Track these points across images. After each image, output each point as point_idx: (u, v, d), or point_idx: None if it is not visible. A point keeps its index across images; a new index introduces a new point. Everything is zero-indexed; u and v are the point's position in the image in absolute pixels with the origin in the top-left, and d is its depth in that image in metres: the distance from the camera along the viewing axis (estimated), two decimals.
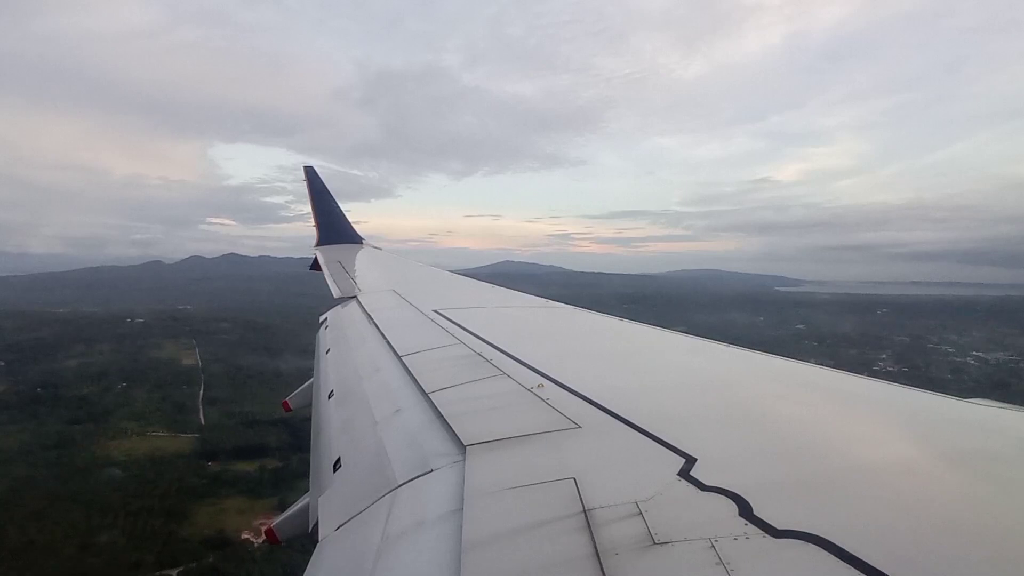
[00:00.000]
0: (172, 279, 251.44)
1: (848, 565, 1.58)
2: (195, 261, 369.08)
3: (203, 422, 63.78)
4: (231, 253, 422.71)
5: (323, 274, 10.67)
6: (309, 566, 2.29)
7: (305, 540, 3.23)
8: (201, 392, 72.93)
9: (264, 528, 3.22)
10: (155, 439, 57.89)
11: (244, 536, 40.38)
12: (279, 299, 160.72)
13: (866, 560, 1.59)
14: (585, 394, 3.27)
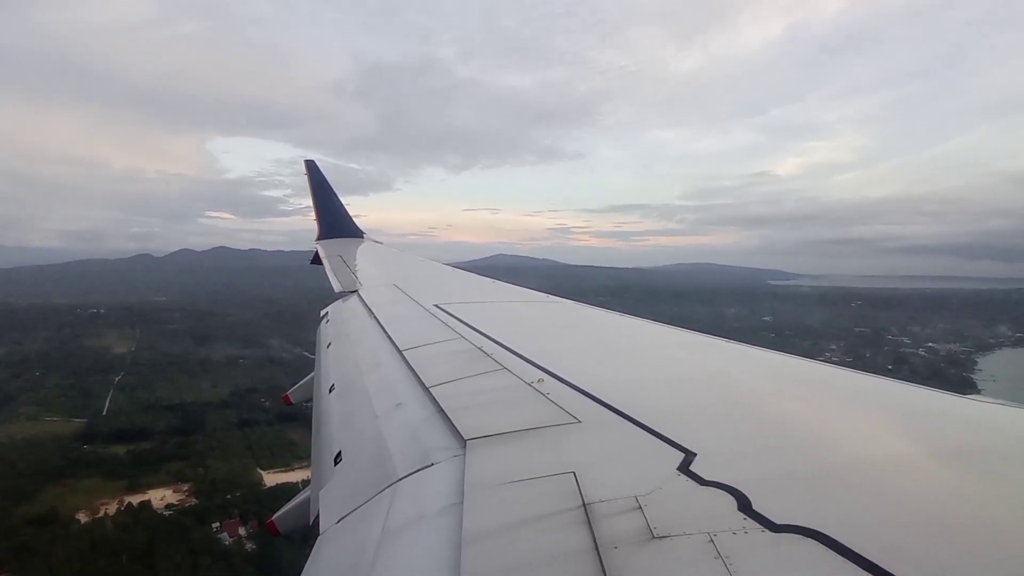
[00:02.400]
0: (159, 272, 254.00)
1: (845, 559, 1.62)
2: (185, 254, 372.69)
3: (106, 408, 64.73)
4: (221, 246, 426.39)
5: (323, 268, 10.74)
6: (310, 558, 2.35)
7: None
8: (117, 379, 74.00)
9: (267, 521, 3.71)
10: (47, 424, 58.84)
11: (78, 516, 41.08)
12: (257, 291, 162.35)
13: (864, 554, 1.62)
14: (585, 389, 3.31)
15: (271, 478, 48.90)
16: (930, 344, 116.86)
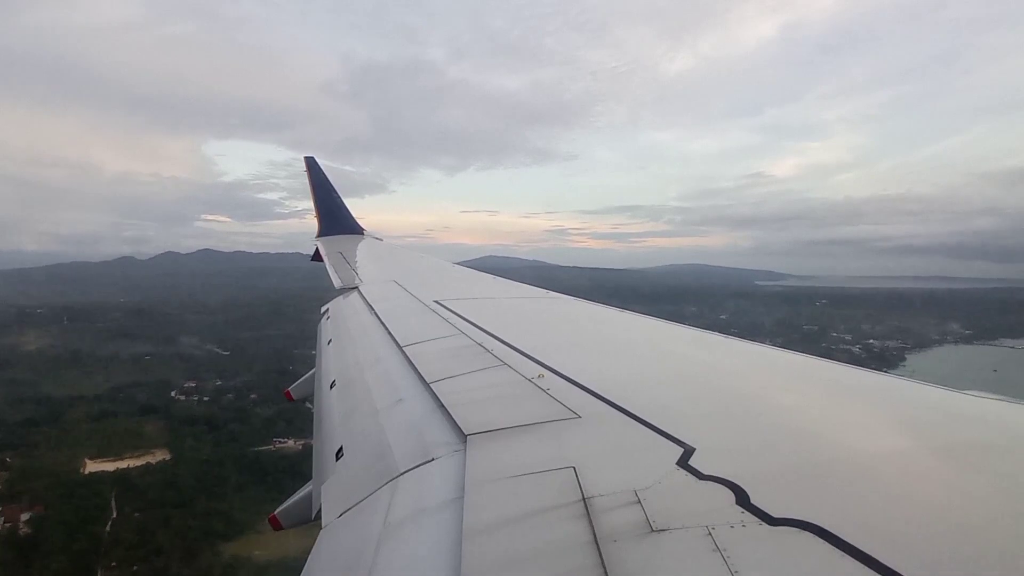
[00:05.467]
0: (138, 275, 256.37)
1: (842, 552, 1.65)
2: (170, 257, 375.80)
3: None
4: (206, 249, 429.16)
5: (324, 265, 10.90)
6: (313, 551, 2.40)
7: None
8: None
9: (269, 516, 3.81)
10: None
11: None
12: (220, 292, 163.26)
13: (860, 547, 1.65)
14: (585, 384, 3.34)
15: (94, 466, 49.10)
16: (870, 340, 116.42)
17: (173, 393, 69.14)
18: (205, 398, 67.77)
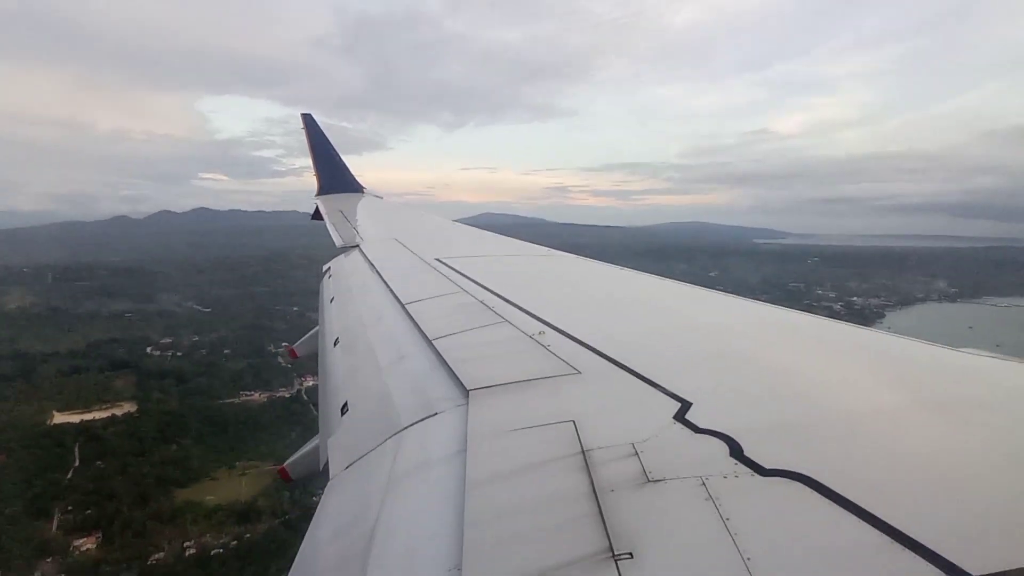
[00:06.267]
0: (133, 234, 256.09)
1: (830, 501, 1.72)
2: (165, 216, 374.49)
3: None
4: (202, 208, 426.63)
5: (324, 223, 10.99)
6: (321, 502, 2.48)
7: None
8: None
9: (279, 468, 4.08)
10: None
11: None
12: (213, 252, 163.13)
13: (848, 497, 1.73)
14: (585, 341, 3.41)
15: (61, 418, 50.19)
16: (853, 298, 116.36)
17: (149, 349, 69.94)
18: (179, 353, 68.62)
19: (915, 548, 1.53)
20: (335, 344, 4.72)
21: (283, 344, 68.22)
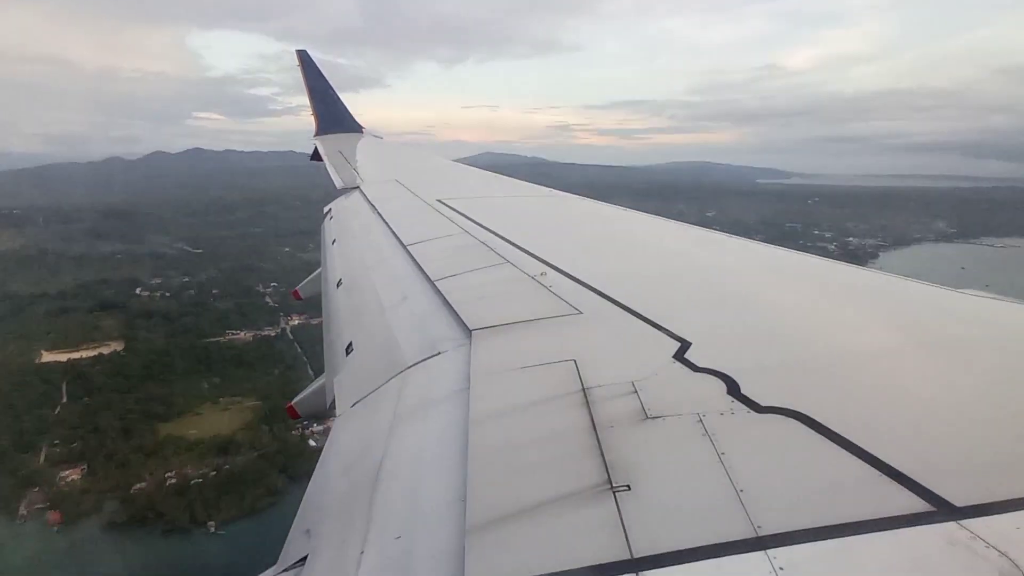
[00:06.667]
0: (126, 176, 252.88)
1: (823, 437, 1.77)
2: (159, 157, 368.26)
3: None
4: (196, 148, 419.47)
5: (324, 165, 10.84)
6: (329, 439, 2.54)
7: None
8: None
9: (286, 406, 4.10)
10: None
11: None
12: (211, 193, 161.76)
13: (841, 434, 1.77)
14: (586, 281, 3.44)
15: (49, 357, 51.16)
16: (849, 238, 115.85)
17: (138, 290, 70.44)
18: (167, 294, 69.11)
19: (903, 481, 1.58)
20: (338, 286, 4.78)
21: (272, 284, 69.98)
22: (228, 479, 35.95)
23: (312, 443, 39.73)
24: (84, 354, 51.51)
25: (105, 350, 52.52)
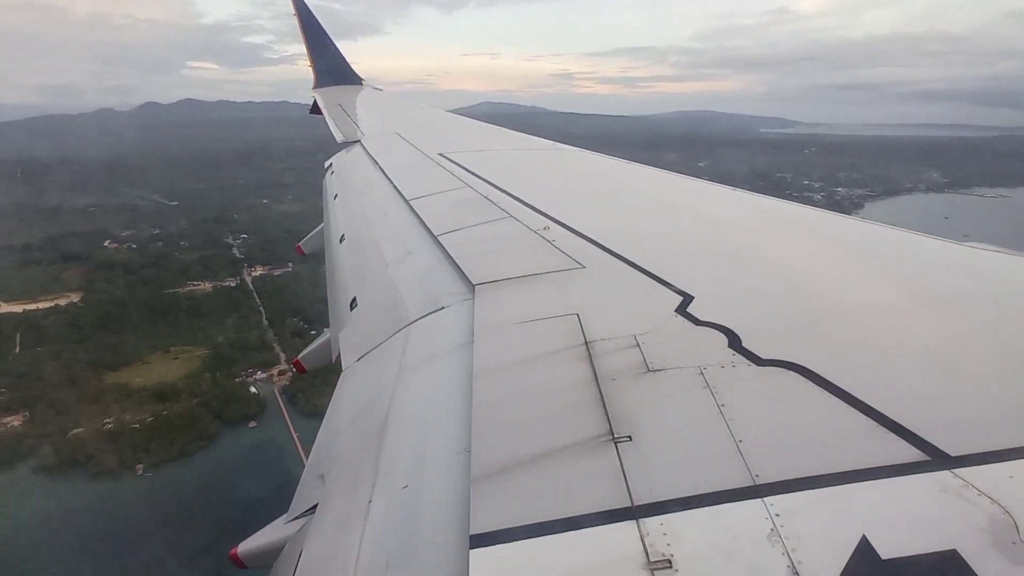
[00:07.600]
0: (118, 127, 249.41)
1: (822, 389, 1.81)
2: (151, 108, 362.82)
3: None
4: (188, 99, 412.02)
5: (323, 118, 10.67)
6: (335, 392, 2.60)
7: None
8: None
9: (293, 360, 4.15)
10: None
11: None
12: (200, 144, 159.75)
13: (840, 385, 1.81)
14: (589, 235, 3.45)
15: (6, 308, 51.67)
16: (838, 188, 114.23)
17: (107, 242, 70.48)
18: (133, 246, 69.17)
19: (899, 432, 1.61)
20: (341, 241, 4.76)
21: (242, 235, 69.92)
22: (164, 424, 36.77)
23: (253, 390, 40.54)
24: (40, 305, 52.02)
25: (63, 301, 53.00)
